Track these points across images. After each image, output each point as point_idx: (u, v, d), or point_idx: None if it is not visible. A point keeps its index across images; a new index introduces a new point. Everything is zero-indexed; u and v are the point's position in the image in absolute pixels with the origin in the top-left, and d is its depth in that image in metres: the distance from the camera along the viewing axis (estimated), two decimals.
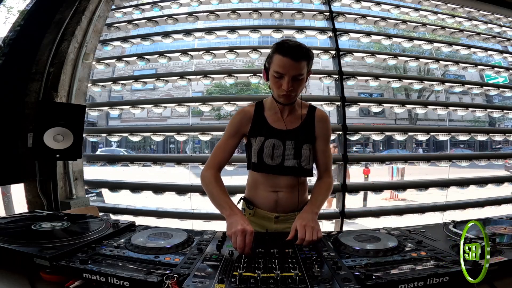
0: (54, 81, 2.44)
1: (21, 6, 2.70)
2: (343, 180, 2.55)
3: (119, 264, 0.72)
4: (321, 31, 3.07)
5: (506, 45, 3.74)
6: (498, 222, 1.03)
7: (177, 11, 3.38)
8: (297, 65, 1.00)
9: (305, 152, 1.12)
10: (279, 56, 1.00)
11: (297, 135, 1.13)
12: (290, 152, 1.12)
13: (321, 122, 1.17)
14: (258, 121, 1.16)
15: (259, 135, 1.13)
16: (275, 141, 1.12)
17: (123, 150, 13.49)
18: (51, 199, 2.36)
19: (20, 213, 1.19)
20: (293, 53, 0.99)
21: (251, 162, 1.16)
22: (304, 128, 1.15)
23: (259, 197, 1.19)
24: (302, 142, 1.13)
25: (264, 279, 0.65)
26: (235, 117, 1.18)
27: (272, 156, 1.11)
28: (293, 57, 0.99)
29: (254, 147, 1.13)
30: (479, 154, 3.86)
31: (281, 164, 1.12)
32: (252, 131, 1.15)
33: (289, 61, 0.99)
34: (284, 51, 0.99)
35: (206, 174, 1.11)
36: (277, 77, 1.03)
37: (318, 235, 0.88)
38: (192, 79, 2.99)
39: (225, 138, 1.17)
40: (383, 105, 3.00)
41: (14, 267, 0.76)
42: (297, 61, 0.99)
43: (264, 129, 1.14)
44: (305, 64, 1.02)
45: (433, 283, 0.65)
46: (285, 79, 1.01)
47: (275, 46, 1.04)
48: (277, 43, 1.04)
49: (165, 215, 2.64)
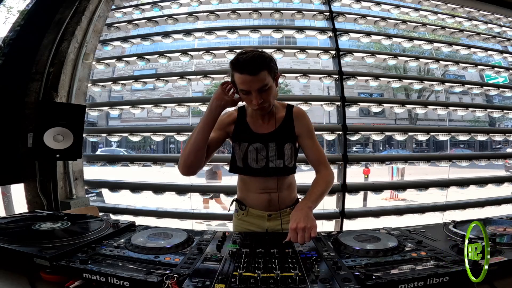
0: (54, 81, 2.44)
1: (21, 6, 2.70)
2: (343, 180, 2.55)
3: (119, 264, 0.72)
4: (321, 31, 3.07)
5: (506, 45, 3.74)
6: (498, 222, 1.03)
7: (177, 11, 3.38)
8: (257, 78, 0.96)
9: (287, 152, 1.14)
10: (237, 74, 0.98)
11: (277, 136, 1.14)
12: (273, 154, 1.14)
13: (298, 119, 1.17)
14: (241, 126, 1.18)
15: (243, 141, 1.16)
16: (258, 145, 1.14)
17: (123, 150, 13.49)
18: (51, 199, 2.36)
19: (20, 213, 1.19)
20: (249, 68, 0.95)
21: (235, 165, 1.18)
22: (284, 128, 1.16)
23: (251, 198, 1.21)
24: (283, 142, 1.14)
25: (264, 279, 0.65)
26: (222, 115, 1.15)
27: (257, 159, 1.14)
28: (251, 72, 0.95)
29: (239, 153, 1.16)
30: (479, 154, 3.86)
31: (266, 166, 1.14)
32: (235, 136, 1.18)
33: (248, 77, 0.96)
34: (240, 68, 0.96)
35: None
36: (244, 94, 1.01)
37: (312, 235, 0.85)
38: (192, 79, 2.99)
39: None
40: (383, 105, 3.00)
41: (14, 267, 0.76)
42: (256, 74, 0.96)
43: (247, 135, 1.16)
44: (266, 73, 0.98)
45: (433, 283, 0.65)
46: (253, 95, 0.99)
47: (231, 64, 1.00)
48: (232, 60, 1.00)
49: (165, 215, 2.64)
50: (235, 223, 1.28)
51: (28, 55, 2.48)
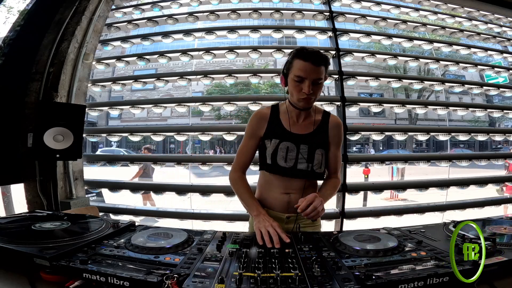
0: (54, 81, 2.44)
1: (21, 6, 2.70)
2: (343, 180, 2.55)
3: (119, 264, 0.72)
4: (321, 31, 3.06)
5: (506, 45, 3.73)
6: (498, 222, 1.03)
7: (177, 11, 3.38)
8: (317, 69, 1.05)
9: (317, 157, 1.15)
10: (300, 61, 1.05)
11: (311, 139, 1.16)
12: (304, 156, 1.15)
13: (335, 129, 1.20)
14: (274, 124, 1.19)
15: (274, 137, 1.16)
16: (289, 144, 1.15)
17: (123, 150, 13.49)
18: (51, 199, 2.36)
19: (20, 213, 1.19)
20: (314, 58, 1.04)
21: (264, 163, 1.19)
22: (318, 133, 1.18)
23: (271, 198, 1.21)
24: (315, 146, 1.16)
25: (264, 279, 0.65)
26: (252, 119, 1.22)
27: (286, 158, 1.15)
28: (314, 62, 1.04)
29: (269, 149, 1.16)
30: (479, 154, 3.86)
31: (294, 167, 1.15)
32: (267, 133, 1.19)
33: (310, 66, 1.04)
34: (305, 56, 1.05)
35: (233, 176, 1.22)
36: (297, 81, 1.07)
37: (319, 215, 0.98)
38: (192, 79, 2.99)
39: (245, 140, 1.23)
40: (383, 105, 3.00)
41: (14, 267, 0.76)
42: (318, 65, 1.04)
43: (279, 132, 1.17)
44: (324, 69, 1.07)
45: (433, 283, 0.65)
46: (306, 83, 1.05)
47: (295, 52, 1.09)
48: (297, 49, 1.09)
49: (165, 215, 2.64)
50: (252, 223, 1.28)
51: (28, 55, 2.48)
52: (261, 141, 1.21)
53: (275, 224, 0.96)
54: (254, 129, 1.20)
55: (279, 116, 1.20)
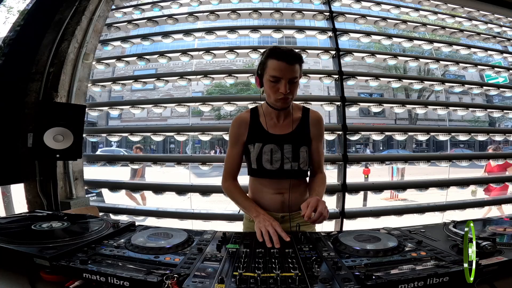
0: (54, 81, 2.44)
1: (21, 6, 2.71)
2: (343, 180, 2.55)
3: (119, 264, 0.72)
4: (321, 31, 3.06)
5: (506, 45, 3.73)
6: (498, 222, 1.03)
7: (177, 11, 3.38)
8: (292, 68, 1.04)
9: (302, 154, 1.15)
10: (274, 61, 1.05)
11: (293, 138, 1.16)
12: (288, 156, 1.14)
13: (315, 124, 1.20)
14: (255, 127, 1.18)
15: (257, 142, 1.16)
16: (272, 146, 1.15)
17: (123, 150, 13.47)
18: (51, 199, 2.36)
19: (20, 213, 1.19)
20: (287, 57, 1.03)
21: (250, 169, 1.20)
22: (300, 131, 1.18)
23: (264, 200, 1.21)
24: (298, 145, 1.15)
25: (264, 279, 0.65)
26: (233, 125, 1.21)
27: (271, 161, 1.14)
28: (288, 61, 1.03)
29: (253, 154, 1.16)
30: (479, 154, 3.86)
31: (281, 168, 1.15)
32: (249, 138, 1.18)
33: (284, 65, 1.03)
34: (278, 56, 1.04)
35: (225, 186, 1.22)
36: (273, 81, 1.06)
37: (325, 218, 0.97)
38: (192, 79, 2.98)
39: (229, 148, 1.22)
40: (383, 105, 3.00)
41: (14, 267, 0.76)
42: (292, 64, 1.04)
43: (261, 135, 1.16)
44: (299, 67, 1.07)
45: (433, 283, 0.65)
46: (282, 82, 1.04)
47: (268, 52, 1.08)
48: (270, 49, 1.08)
49: (165, 215, 2.63)
50: (246, 225, 1.27)
51: (28, 55, 2.48)
52: (245, 146, 1.20)
53: (275, 224, 0.97)
54: (236, 135, 1.20)
55: (259, 119, 1.19)
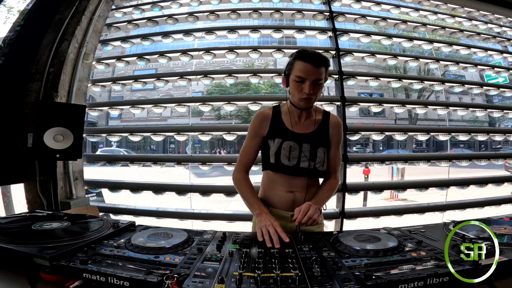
0: (54, 81, 2.44)
1: (21, 6, 2.71)
2: (343, 180, 2.55)
3: (119, 264, 0.72)
4: (321, 31, 3.06)
5: (506, 45, 3.74)
6: (498, 222, 1.03)
7: (177, 11, 3.38)
8: (317, 71, 1.09)
9: (319, 155, 1.18)
10: (301, 62, 1.10)
11: (312, 138, 1.19)
12: (306, 154, 1.17)
13: (335, 128, 1.24)
14: (276, 124, 1.22)
15: (277, 137, 1.19)
16: (292, 143, 1.17)
17: (123, 150, 13.47)
18: (51, 199, 2.36)
19: (20, 213, 1.19)
20: (314, 60, 1.08)
21: (268, 163, 1.21)
22: (319, 132, 1.21)
23: (276, 197, 1.22)
24: (317, 145, 1.18)
25: (264, 279, 0.65)
26: (255, 120, 1.24)
27: (289, 157, 1.17)
28: (315, 63, 1.08)
29: (272, 148, 1.18)
30: (479, 154, 3.86)
31: (297, 165, 1.17)
32: (270, 133, 1.21)
33: (310, 67, 1.08)
34: (306, 58, 1.09)
35: (236, 176, 1.23)
36: (298, 81, 1.10)
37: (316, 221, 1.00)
38: (192, 79, 2.99)
39: (248, 140, 1.25)
40: (383, 105, 3.00)
41: (14, 267, 0.76)
42: (318, 67, 1.09)
43: (281, 132, 1.20)
44: (324, 70, 1.11)
45: (433, 283, 0.65)
46: (307, 83, 1.09)
47: (296, 53, 1.13)
48: (298, 51, 1.14)
49: (165, 215, 2.64)
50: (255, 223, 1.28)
51: (28, 55, 2.48)
52: (264, 141, 1.23)
53: (275, 224, 0.97)
54: (257, 130, 1.23)
55: (281, 116, 1.23)
